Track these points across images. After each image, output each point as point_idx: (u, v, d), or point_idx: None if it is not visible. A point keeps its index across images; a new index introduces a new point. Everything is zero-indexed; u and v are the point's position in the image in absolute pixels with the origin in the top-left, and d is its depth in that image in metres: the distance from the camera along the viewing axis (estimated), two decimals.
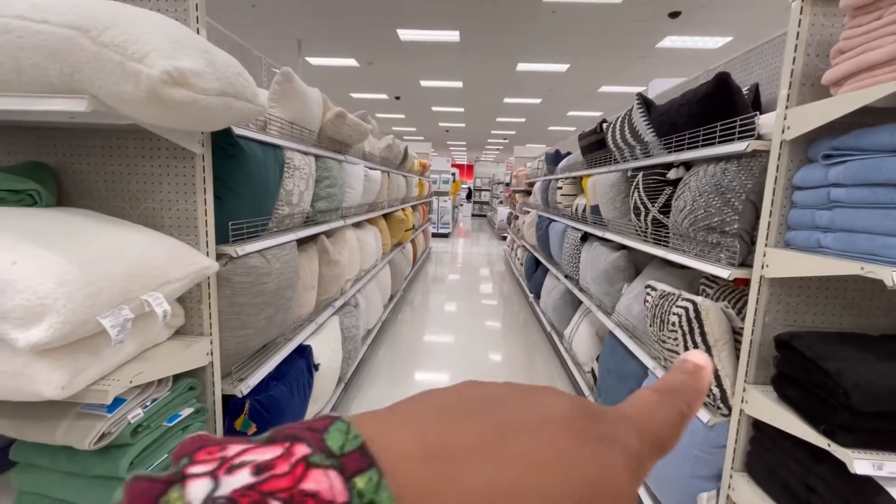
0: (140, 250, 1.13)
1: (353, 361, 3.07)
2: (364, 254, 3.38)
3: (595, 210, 3.07)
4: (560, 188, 4.03)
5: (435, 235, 12.00)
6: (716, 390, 1.49)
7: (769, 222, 1.35)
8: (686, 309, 1.53)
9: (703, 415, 1.54)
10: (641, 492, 1.98)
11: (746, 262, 1.50)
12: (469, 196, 21.45)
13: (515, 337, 4.53)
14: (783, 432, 1.26)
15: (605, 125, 2.83)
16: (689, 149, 1.80)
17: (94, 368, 1.04)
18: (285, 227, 2.02)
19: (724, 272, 1.46)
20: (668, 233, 1.98)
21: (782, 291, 1.38)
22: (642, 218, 2.15)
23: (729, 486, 1.46)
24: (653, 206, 2.04)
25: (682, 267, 2.30)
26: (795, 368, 1.21)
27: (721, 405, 1.50)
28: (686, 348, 1.56)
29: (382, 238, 4.23)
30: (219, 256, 1.49)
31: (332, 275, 2.51)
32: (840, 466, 1.09)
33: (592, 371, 3.04)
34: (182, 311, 1.41)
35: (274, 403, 1.67)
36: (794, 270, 1.23)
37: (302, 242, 2.31)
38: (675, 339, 1.59)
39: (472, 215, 21.23)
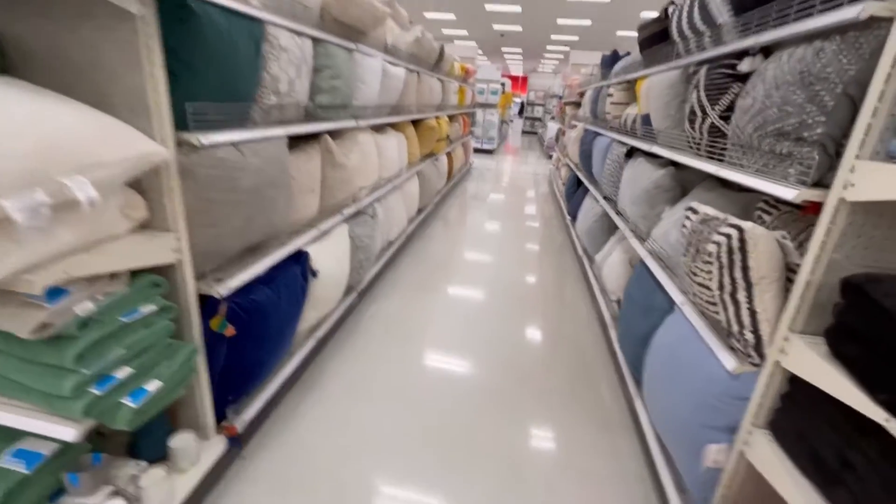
0: (57, 126, 0.97)
1: (367, 272, 3.00)
2: (383, 160, 3.16)
3: (646, 120, 2.61)
4: (611, 95, 3.50)
5: (477, 151, 11.45)
6: (749, 336, 1.23)
7: (870, 124, 0.98)
8: (728, 237, 1.22)
9: (729, 361, 1.30)
10: (649, 432, 1.84)
11: (823, 182, 1.14)
12: (521, 111, 20.07)
13: (550, 260, 4.30)
14: (825, 394, 1.01)
15: (671, 9, 2.28)
16: (775, 26, 1.35)
17: (17, 256, 0.94)
18: (274, 119, 1.81)
19: (789, 192, 1.12)
20: (725, 145, 1.59)
21: (866, 221, 1.04)
22: (697, 126, 1.75)
23: (745, 442, 1.26)
24: (713, 108, 1.62)
25: (741, 189, 1.92)
26: (863, 320, 0.92)
27: (753, 353, 1.25)
28: (721, 286, 1.28)
29: (409, 146, 3.96)
30: (181, 145, 1.33)
31: (339, 179, 2.33)
32: (892, 447, 0.86)
33: (619, 301, 2.81)
34: (143, 203, 1.29)
35: (255, 307, 1.60)
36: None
37: (301, 141, 2.12)
38: (709, 272, 1.31)
39: (523, 132, 20.01)
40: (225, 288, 1.52)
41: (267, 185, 1.59)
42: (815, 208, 1.49)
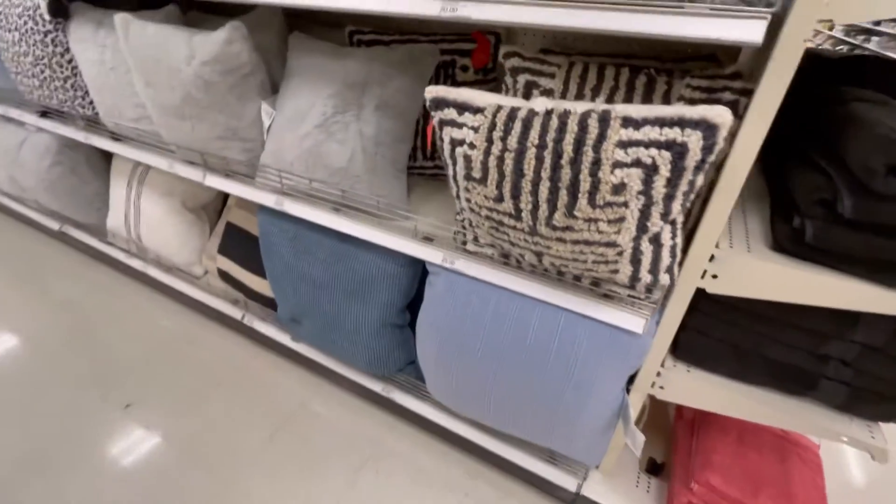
0: None
1: None
2: None
3: None
4: None
5: None
6: (665, 277, 0.80)
7: None
8: (678, 148, 0.60)
9: (633, 323, 0.86)
10: (449, 423, 1.30)
11: None
12: None
13: None
14: (762, 302, 0.77)
15: None
16: None
17: None
18: None
19: (749, 31, 0.57)
20: None
21: None
22: None
23: (654, 385, 0.97)
24: None
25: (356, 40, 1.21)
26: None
27: (656, 292, 0.86)
28: (640, 231, 0.71)
29: None
30: None
31: None
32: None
33: (225, 274, 1.69)
34: None
35: None
36: None
37: None
38: (618, 220, 0.69)
39: None
40: None
41: None
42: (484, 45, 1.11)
